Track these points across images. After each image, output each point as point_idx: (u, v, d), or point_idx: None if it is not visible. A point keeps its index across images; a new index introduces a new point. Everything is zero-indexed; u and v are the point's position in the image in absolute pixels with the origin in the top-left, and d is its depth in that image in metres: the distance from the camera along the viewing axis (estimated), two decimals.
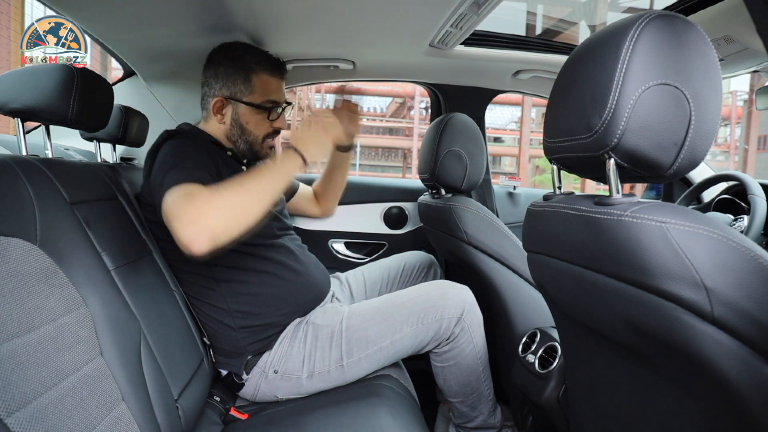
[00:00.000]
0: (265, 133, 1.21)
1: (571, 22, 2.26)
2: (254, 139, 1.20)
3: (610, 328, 0.62)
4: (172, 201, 0.88)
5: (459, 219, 1.28)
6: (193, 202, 0.86)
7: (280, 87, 1.21)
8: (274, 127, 1.22)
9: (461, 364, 1.19)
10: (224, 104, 1.18)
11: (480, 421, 1.24)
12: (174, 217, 0.84)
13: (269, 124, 1.21)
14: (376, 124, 22.23)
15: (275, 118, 1.22)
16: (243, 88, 1.17)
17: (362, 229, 1.87)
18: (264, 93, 1.18)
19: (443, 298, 1.17)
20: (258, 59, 1.18)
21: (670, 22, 0.52)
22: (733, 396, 0.49)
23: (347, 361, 1.12)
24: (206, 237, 0.82)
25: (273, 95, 1.19)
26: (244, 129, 1.19)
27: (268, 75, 1.18)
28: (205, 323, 1.15)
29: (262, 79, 1.17)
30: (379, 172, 20.08)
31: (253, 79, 1.17)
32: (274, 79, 1.20)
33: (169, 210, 0.87)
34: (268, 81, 1.18)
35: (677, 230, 0.49)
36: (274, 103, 1.20)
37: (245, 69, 1.16)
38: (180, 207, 0.85)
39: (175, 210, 0.85)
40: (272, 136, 1.23)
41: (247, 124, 1.19)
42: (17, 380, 0.59)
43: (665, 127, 0.52)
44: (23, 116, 0.89)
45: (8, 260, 0.63)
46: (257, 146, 1.21)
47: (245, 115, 1.18)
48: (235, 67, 1.16)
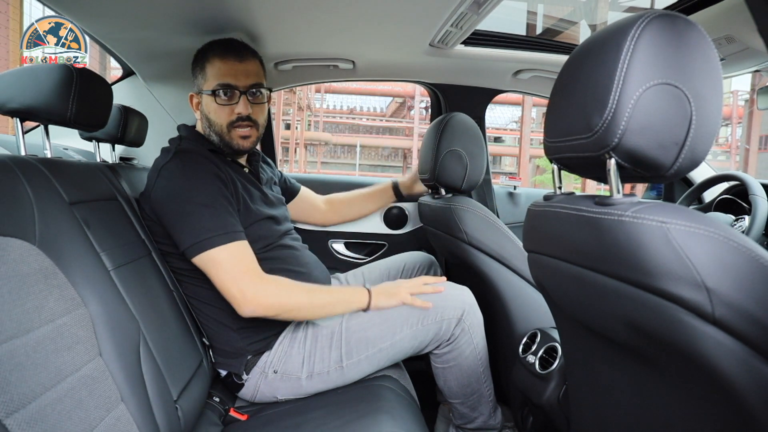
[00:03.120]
0: (228, 121, 1.17)
1: (572, 22, 2.26)
2: (220, 129, 1.18)
3: (611, 329, 0.62)
4: (228, 267, 1.04)
5: (459, 219, 1.28)
6: (262, 281, 1.06)
7: (235, 70, 1.16)
8: (235, 113, 1.17)
9: (461, 365, 1.19)
10: (198, 99, 1.21)
11: (480, 422, 1.24)
12: (234, 283, 1.03)
13: (229, 109, 1.17)
14: (376, 124, 22.25)
15: (229, 103, 1.16)
16: (201, 79, 1.19)
17: (362, 229, 1.86)
18: (215, 78, 1.16)
19: (443, 299, 1.17)
20: (211, 46, 1.18)
21: (671, 22, 0.52)
22: (734, 396, 0.48)
23: (347, 362, 1.12)
24: (263, 311, 1.05)
25: (224, 78, 1.15)
26: (209, 120, 1.19)
27: (218, 59, 1.16)
28: (205, 324, 1.15)
29: (213, 64, 1.16)
30: (379, 172, 20.10)
31: (206, 67, 1.17)
32: (226, 62, 1.16)
33: (224, 271, 1.04)
34: (218, 65, 1.16)
35: (678, 230, 0.49)
36: (226, 87, 1.15)
37: (202, 59, 1.19)
38: (246, 277, 1.05)
39: (236, 277, 1.04)
40: (238, 124, 1.18)
41: (210, 113, 1.18)
42: (16, 381, 0.58)
43: (666, 126, 0.52)
44: (22, 116, 0.88)
45: (7, 260, 0.63)
46: (226, 137, 1.18)
47: (207, 105, 1.19)
48: (197, 60, 1.20)
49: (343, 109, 22.34)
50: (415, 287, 1.19)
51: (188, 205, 1.05)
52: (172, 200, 1.06)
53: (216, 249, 1.03)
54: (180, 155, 1.12)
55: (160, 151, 1.19)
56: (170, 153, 1.13)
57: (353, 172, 18.76)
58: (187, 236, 1.04)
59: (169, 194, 1.07)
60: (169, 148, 1.18)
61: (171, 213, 1.06)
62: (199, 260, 1.04)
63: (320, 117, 21.04)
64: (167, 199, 1.06)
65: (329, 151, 21.94)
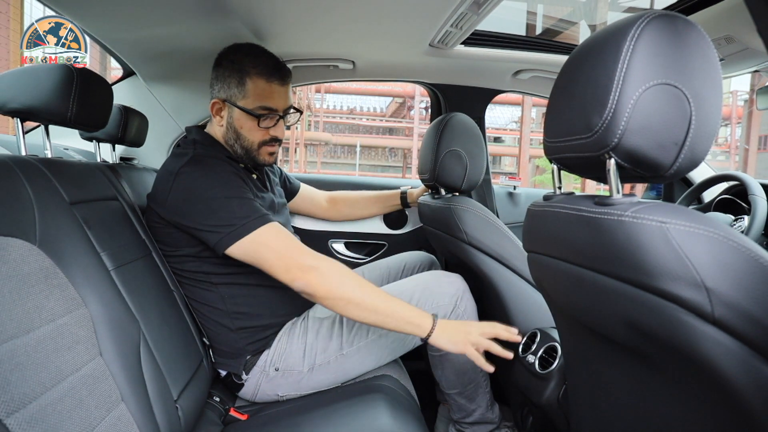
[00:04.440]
0: (261, 140, 1.17)
1: (572, 22, 2.25)
2: (249, 145, 1.17)
3: (611, 329, 0.62)
4: (278, 242, 1.02)
5: (459, 219, 1.28)
6: (318, 256, 1.03)
7: (277, 93, 1.15)
8: (270, 135, 1.18)
9: None
10: (222, 107, 1.16)
11: (478, 414, 1.25)
12: (290, 256, 1.01)
13: (265, 131, 1.17)
14: (376, 124, 22.24)
15: (268, 126, 1.16)
16: (237, 92, 1.13)
17: (362, 229, 1.86)
18: (258, 98, 1.13)
19: (438, 287, 1.20)
20: (255, 63, 1.12)
21: (671, 22, 0.52)
22: (734, 396, 0.48)
23: (347, 350, 1.13)
24: (314, 287, 1.00)
25: (267, 101, 1.14)
26: (239, 134, 1.16)
27: (264, 80, 1.13)
28: (204, 324, 1.15)
29: (257, 83, 1.12)
30: (379, 172, 20.08)
31: (247, 83, 1.12)
32: (271, 84, 1.13)
33: (276, 248, 1.01)
34: (263, 86, 1.13)
35: (678, 230, 0.49)
36: (269, 110, 1.14)
37: (241, 72, 1.12)
38: (299, 250, 1.03)
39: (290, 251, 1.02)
40: (270, 143, 1.19)
41: (241, 129, 1.16)
42: (16, 381, 0.58)
43: (665, 127, 0.52)
44: (22, 116, 0.88)
45: (7, 260, 0.63)
46: (254, 152, 1.18)
47: (239, 119, 1.15)
48: (232, 69, 1.13)
49: (343, 109, 22.33)
50: (482, 340, 1.00)
51: (214, 201, 1.03)
52: (196, 200, 1.03)
53: (259, 231, 1.01)
54: (197, 159, 1.09)
55: (171, 155, 1.17)
56: (186, 157, 1.09)
57: (353, 172, 18.76)
58: (220, 228, 1.01)
59: (191, 196, 1.04)
60: (184, 152, 1.13)
61: (196, 212, 1.03)
62: (238, 248, 1.01)
63: (320, 117, 21.04)
64: (190, 201, 1.04)
65: (329, 151, 21.94)
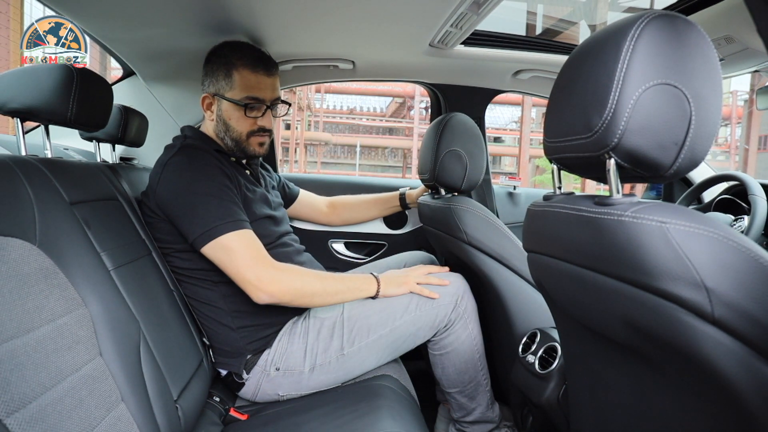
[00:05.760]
0: (249, 130, 1.21)
1: (571, 22, 2.26)
2: (238, 136, 1.21)
3: (611, 329, 0.62)
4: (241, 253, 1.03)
5: (459, 219, 1.28)
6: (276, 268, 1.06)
7: (264, 84, 1.19)
8: (258, 125, 1.21)
9: (458, 350, 1.21)
10: (212, 101, 1.21)
11: (478, 413, 1.25)
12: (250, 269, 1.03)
13: (252, 121, 1.20)
14: (376, 124, 22.24)
15: (256, 116, 1.20)
16: (225, 84, 1.18)
17: (362, 229, 1.86)
18: (244, 89, 1.17)
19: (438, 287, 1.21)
20: (241, 55, 1.17)
21: (671, 22, 0.52)
22: (733, 396, 0.48)
23: (348, 349, 1.14)
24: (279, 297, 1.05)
25: (254, 92, 1.18)
26: (228, 125, 1.20)
27: (249, 71, 1.17)
28: (204, 323, 1.15)
29: (243, 74, 1.17)
30: (379, 172, 20.08)
31: (233, 75, 1.17)
32: (257, 75, 1.18)
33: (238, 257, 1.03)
34: (249, 77, 1.17)
35: (677, 230, 0.49)
36: (255, 100, 1.18)
37: (227, 65, 1.17)
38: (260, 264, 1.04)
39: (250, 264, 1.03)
40: (259, 134, 1.22)
41: (230, 120, 1.19)
42: (16, 381, 0.58)
43: (665, 127, 0.52)
44: (22, 116, 0.88)
45: (7, 260, 0.63)
46: (243, 143, 1.21)
47: (227, 111, 1.19)
48: (219, 64, 1.18)
49: (343, 109, 22.33)
50: (421, 277, 1.22)
51: (195, 197, 1.05)
52: (179, 193, 1.07)
53: (227, 235, 1.03)
54: (185, 150, 1.13)
55: (164, 149, 1.19)
56: (175, 149, 1.14)
57: (353, 172, 18.76)
58: (197, 226, 1.04)
59: (176, 187, 1.07)
60: (174, 144, 1.19)
61: (178, 205, 1.06)
62: (210, 249, 1.04)
63: (320, 117, 21.04)
64: (174, 192, 1.07)
65: (329, 152, 21.95)
